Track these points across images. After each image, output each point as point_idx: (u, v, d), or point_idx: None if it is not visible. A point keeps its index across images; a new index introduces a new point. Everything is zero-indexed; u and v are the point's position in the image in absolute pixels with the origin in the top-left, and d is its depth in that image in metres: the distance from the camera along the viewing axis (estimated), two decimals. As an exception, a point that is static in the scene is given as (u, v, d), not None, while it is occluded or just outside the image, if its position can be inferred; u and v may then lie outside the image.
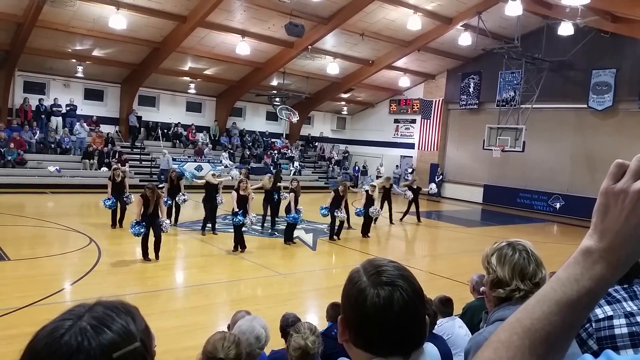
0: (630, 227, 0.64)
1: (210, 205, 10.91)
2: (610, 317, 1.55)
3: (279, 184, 12.75)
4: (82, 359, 0.67)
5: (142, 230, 8.10)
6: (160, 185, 16.30)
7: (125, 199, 10.87)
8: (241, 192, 9.41)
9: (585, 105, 18.04)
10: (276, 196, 12.20)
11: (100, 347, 0.68)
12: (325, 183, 23.08)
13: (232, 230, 9.58)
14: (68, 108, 18.94)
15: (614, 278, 0.66)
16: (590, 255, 0.67)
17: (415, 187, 14.60)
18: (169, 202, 11.43)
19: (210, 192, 10.99)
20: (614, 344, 1.51)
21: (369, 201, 11.65)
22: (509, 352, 0.67)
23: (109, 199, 10.61)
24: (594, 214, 0.68)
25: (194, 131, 21.73)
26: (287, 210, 10.55)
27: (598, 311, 1.58)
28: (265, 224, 12.13)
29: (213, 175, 11.50)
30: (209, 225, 10.90)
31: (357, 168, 25.39)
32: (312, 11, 16.18)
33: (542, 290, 0.69)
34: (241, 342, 2.40)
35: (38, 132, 17.84)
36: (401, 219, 14.41)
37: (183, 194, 11.67)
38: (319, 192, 21.32)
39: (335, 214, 10.93)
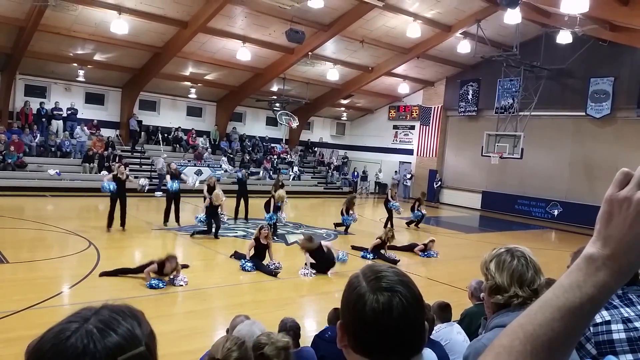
0: (633, 235, 0.65)
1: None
2: (608, 322, 1.55)
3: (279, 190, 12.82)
4: None
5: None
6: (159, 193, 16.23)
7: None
8: (262, 241, 8.46)
9: (584, 113, 18.11)
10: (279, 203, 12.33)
11: (105, 350, 0.69)
12: (325, 188, 23.10)
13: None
14: (69, 112, 18.96)
15: (617, 285, 0.66)
16: (593, 262, 0.66)
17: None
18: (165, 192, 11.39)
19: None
20: (612, 348, 1.52)
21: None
22: (511, 357, 0.67)
23: (109, 183, 10.35)
24: (597, 220, 0.68)
25: (194, 136, 21.73)
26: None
27: (596, 316, 1.59)
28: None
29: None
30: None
31: (356, 173, 25.41)
32: (312, 18, 16.26)
33: (545, 296, 0.69)
34: (245, 346, 2.34)
35: (38, 135, 17.84)
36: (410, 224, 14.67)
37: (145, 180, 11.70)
38: (318, 198, 21.33)
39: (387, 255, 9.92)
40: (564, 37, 16.10)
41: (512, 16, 14.56)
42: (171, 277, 7.23)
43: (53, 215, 12.90)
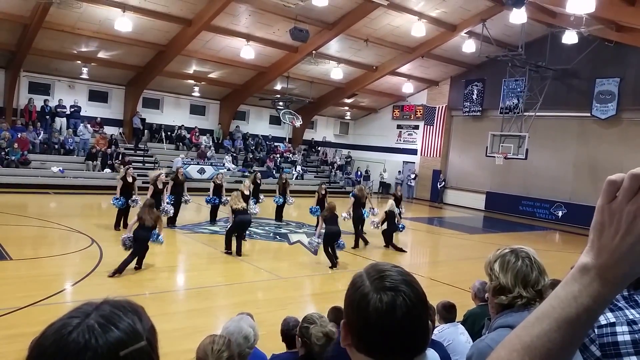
0: (625, 246, 0.64)
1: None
2: (613, 324, 1.54)
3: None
4: (90, 356, 0.67)
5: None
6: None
7: (131, 202, 10.81)
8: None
9: (589, 114, 18.03)
10: (281, 200, 13.13)
11: (107, 345, 0.68)
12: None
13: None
14: (72, 109, 19.03)
15: (612, 296, 0.66)
16: (587, 273, 0.67)
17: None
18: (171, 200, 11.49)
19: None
20: (617, 350, 1.51)
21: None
22: None
23: (117, 198, 10.52)
24: (590, 231, 0.69)
25: (197, 134, 21.78)
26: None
27: (600, 317, 1.58)
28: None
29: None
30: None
31: (359, 173, 25.41)
32: (317, 16, 16.25)
33: (542, 308, 0.69)
34: (232, 344, 2.37)
35: (42, 132, 17.90)
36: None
37: (186, 195, 11.80)
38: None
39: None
40: (570, 38, 16.03)
41: (518, 16, 14.50)
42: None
43: (56, 213, 12.96)
